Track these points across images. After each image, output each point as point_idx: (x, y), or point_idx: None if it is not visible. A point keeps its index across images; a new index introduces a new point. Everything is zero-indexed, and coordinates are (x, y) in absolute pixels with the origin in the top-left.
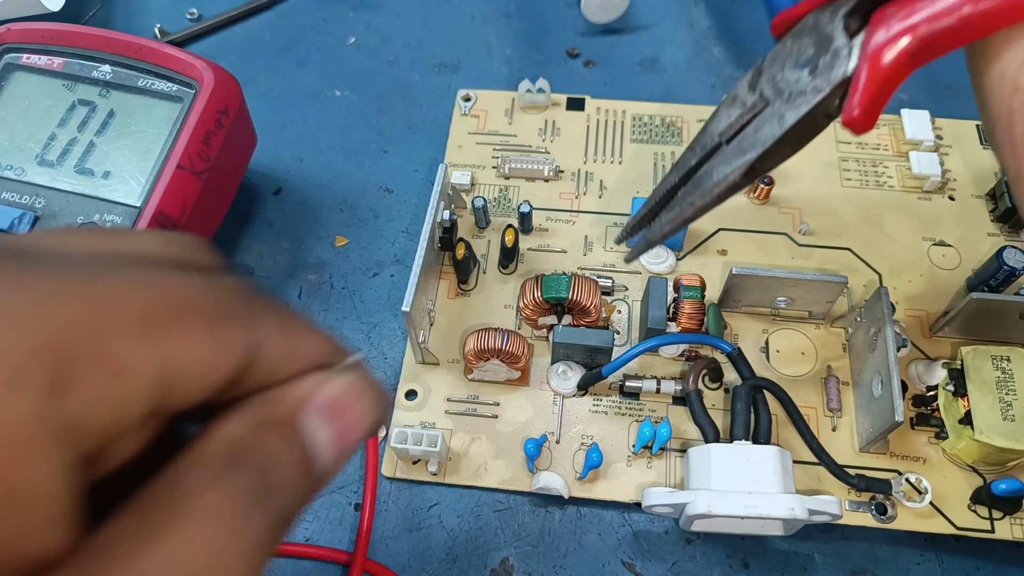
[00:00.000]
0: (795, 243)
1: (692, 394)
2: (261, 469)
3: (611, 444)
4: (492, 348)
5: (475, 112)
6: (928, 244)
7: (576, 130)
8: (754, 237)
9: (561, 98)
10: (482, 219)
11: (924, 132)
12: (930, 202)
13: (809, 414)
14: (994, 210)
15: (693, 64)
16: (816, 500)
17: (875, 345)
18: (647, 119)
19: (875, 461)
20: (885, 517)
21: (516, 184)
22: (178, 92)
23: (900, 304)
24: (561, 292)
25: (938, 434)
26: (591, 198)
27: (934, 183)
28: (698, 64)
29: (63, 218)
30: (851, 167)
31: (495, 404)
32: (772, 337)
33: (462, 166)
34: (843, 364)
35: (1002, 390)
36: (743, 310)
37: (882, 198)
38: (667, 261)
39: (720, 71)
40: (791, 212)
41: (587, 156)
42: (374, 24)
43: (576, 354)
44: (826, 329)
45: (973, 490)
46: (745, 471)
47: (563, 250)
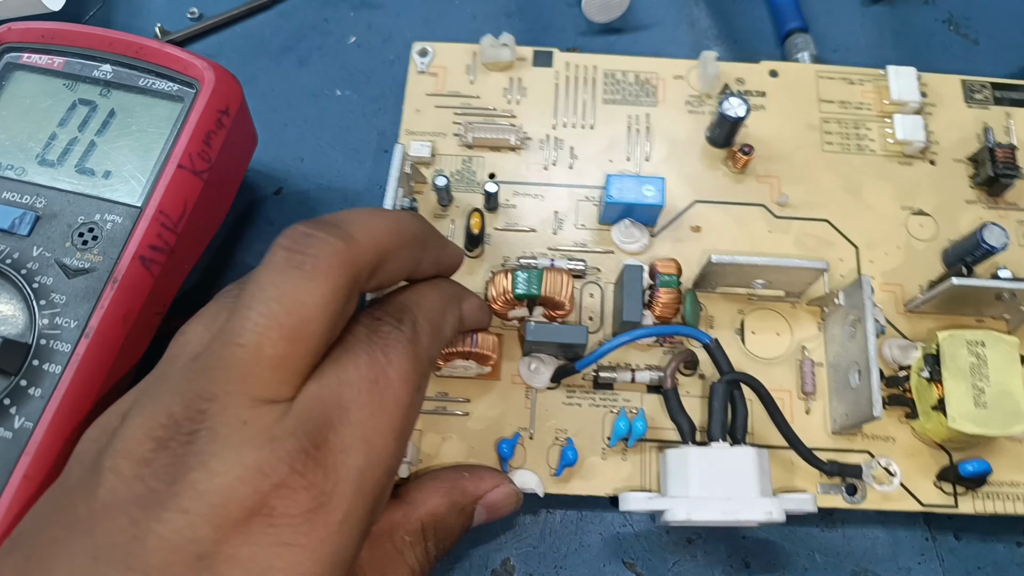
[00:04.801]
0: (772, 215)
1: (668, 392)
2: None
3: (586, 437)
4: (462, 351)
5: (433, 69)
6: (907, 213)
7: (544, 89)
8: (731, 210)
9: (527, 51)
10: (445, 197)
11: (910, 92)
12: (911, 167)
13: (783, 397)
14: (974, 176)
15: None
16: (792, 499)
17: (854, 334)
18: (620, 76)
19: (846, 443)
20: (854, 498)
21: (480, 154)
22: (179, 92)
23: (876, 279)
24: (533, 289)
25: (908, 414)
26: (561, 169)
27: (916, 148)
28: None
29: (63, 218)
30: (832, 129)
31: (465, 401)
32: (748, 318)
33: (421, 134)
34: (818, 344)
35: (975, 376)
36: (719, 292)
37: (863, 163)
38: (640, 240)
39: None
40: (769, 181)
41: (556, 119)
42: (375, 23)
43: (549, 348)
44: (802, 308)
45: (940, 468)
46: (724, 476)
47: (532, 229)
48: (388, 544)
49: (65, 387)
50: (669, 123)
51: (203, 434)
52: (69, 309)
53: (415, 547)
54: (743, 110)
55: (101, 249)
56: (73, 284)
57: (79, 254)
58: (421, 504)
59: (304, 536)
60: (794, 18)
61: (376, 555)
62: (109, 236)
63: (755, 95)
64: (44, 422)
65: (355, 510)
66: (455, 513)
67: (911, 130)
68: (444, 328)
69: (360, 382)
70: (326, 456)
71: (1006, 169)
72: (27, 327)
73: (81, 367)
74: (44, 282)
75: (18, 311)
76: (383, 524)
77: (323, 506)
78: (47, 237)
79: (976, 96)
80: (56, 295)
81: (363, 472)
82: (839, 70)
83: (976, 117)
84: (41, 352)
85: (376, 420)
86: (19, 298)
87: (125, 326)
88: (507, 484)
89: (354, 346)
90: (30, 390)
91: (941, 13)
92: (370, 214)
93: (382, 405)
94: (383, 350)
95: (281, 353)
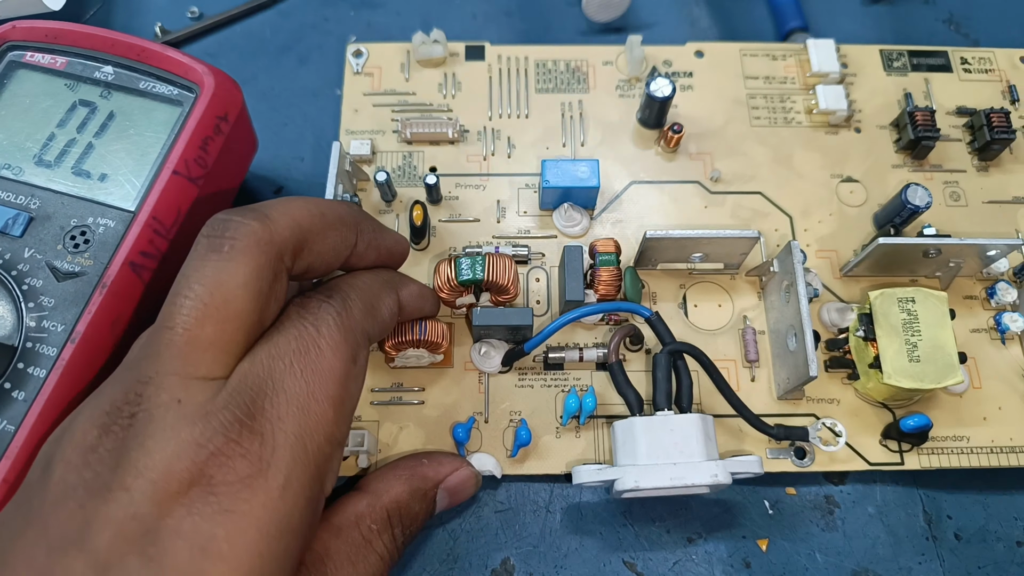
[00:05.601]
0: (707, 191)
1: (614, 366)
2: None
3: (540, 418)
4: (411, 339)
5: (368, 69)
6: (836, 181)
7: (478, 82)
8: (666, 188)
9: (459, 47)
10: (387, 193)
11: (830, 63)
12: (837, 136)
13: (728, 367)
14: (898, 140)
15: None
16: (738, 462)
17: (788, 299)
18: (551, 65)
19: (793, 407)
20: (803, 461)
21: (420, 149)
22: (178, 96)
23: (811, 246)
24: (476, 274)
25: (850, 375)
26: (500, 159)
27: (840, 117)
28: None
29: (57, 220)
30: (759, 104)
31: (420, 390)
32: (689, 292)
33: (360, 133)
34: (759, 313)
35: (907, 332)
36: (660, 268)
37: (791, 135)
38: (581, 223)
39: None
40: (702, 158)
41: (492, 111)
42: (375, 23)
43: (497, 332)
44: (741, 279)
45: (884, 426)
46: (670, 443)
47: (476, 219)
48: (356, 534)
49: (49, 392)
50: (601, 108)
51: (141, 416)
52: (57, 313)
53: (382, 535)
54: (669, 89)
55: (92, 253)
56: (62, 287)
57: (70, 257)
58: (384, 493)
59: (244, 502)
60: (794, 17)
61: (345, 546)
62: (101, 240)
63: (683, 76)
64: (26, 426)
65: (296, 476)
66: (418, 499)
67: (833, 99)
68: (379, 308)
69: (291, 354)
70: (262, 425)
71: (926, 132)
72: (14, 329)
73: (66, 372)
74: (34, 284)
75: (6, 313)
76: (348, 516)
77: (261, 472)
78: (39, 239)
79: (895, 64)
80: (45, 298)
81: (301, 439)
82: (762, 47)
83: (896, 84)
84: (27, 355)
85: (310, 388)
86: (8, 299)
87: (113, 332)
88: (466, 467)
89: (284, 322)
90: (13, 393)
91: (941, 13)
92: (291, 199)
93: (315, 373)
94: (312, 323)
95: (209, 333)
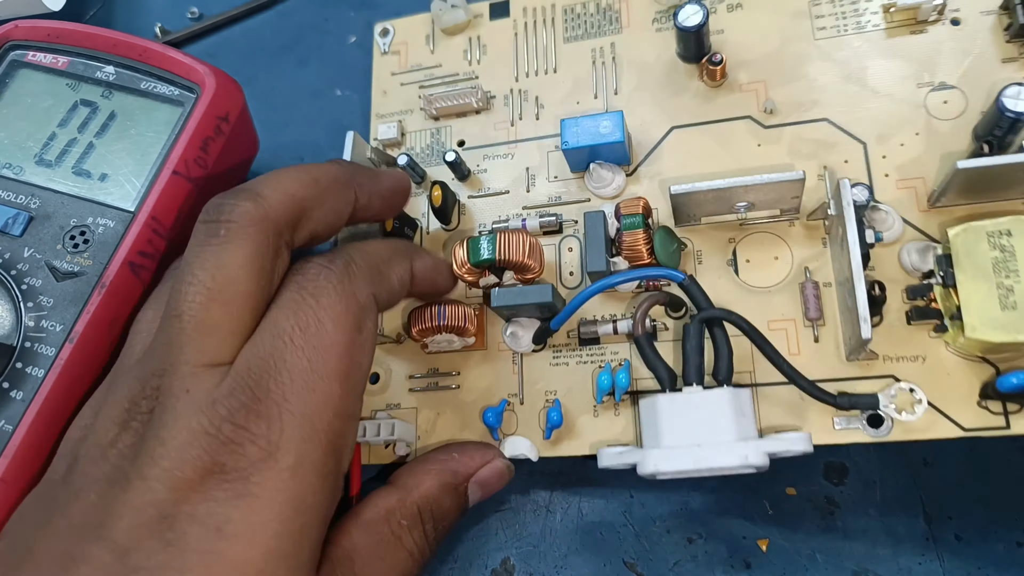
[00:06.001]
0: (761, 126)
1: (640, 338)
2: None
3: (576, 396)
4: (432, 325)
5: (395, 47)
6: (925, 91)
7: (504, 42)
8: (712, 129)
9: (483, 7)
10: (414, 175)
11: None
12: (926, 35)
13: (787, 327)
14: (1009, 27)
15: None
16: (776, 441)
17: (844, 246)
18: (579, 8)
19: (866, 370)
20: (879, 431)
21: (447, 124)
22: (179, 96)
23: (891, 176)
24: (488, 255)
25: (937, 327)
26: (528, 122)
27: (931, 7)
28: None
29: (56, 220)
30: (824, 11)
31: (456, 374)
32: (739, 246)
33: (388, 116)
34: (823, 263)
35: (1000, 273)
36: (704, 223)
37: (865, 43)
38: (614, 182)
39: None
40: (754, 88)
41: (517, 71)
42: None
43: (524, 310)
44: (802, 224)
45: (982, 385)
46: (696, 421)
47: (505, 190)
48: (385, 529)
49: (47, 391)
50: (636, 48)
51: (157, 409)
52: (56, 312)
53: (412, 531)
54: (699, 16)
55: (91, 253)
56: (61, 287)
57: (69, 257)
58: (414, 488)
59: (257, 486)
60: None
61: (373, 541)
62: (100, 240)
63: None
64: (24, 426)
65: (308, 455)
66: (448, 494)
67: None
68: (388, 274)
69: (291, 331)
70: (268, 408)
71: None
72: (13, 329)
73: (64, 372)
74: (33, 284)
75: (5, 312)
76: (378, 511)
77: (271, 455)
78: (39, 238)
79: None
80: (44, 297)
81: (309, 417)
82: None
83: None
84: (25, 355)
85: (314, 365)
86: (7, 299)
87: (111, 332)
88: (497, 459)
89: (282, 295)
90: (12, 393)
91: None
92: (281, 171)
93: (317, 349)
94: (312, 293)
95: (214, 317)
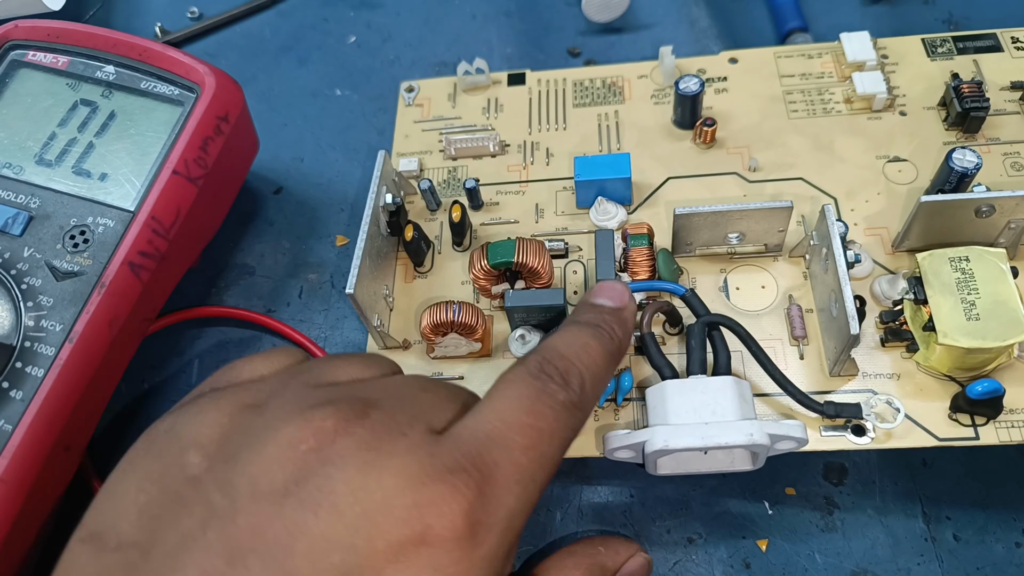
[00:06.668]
0: (746, 180)
1: (646, 337)
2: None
3: None
4: (445, 321)
5: (419, 101)
6: (883, 162)
7: (519, 104)
8: (703, 181)
9: (502, 76)
10: (431, 201)
11: (866, 52)
12: (880, 121)
13: (775, 346)
14: (947, 118)
15: None
16: (778, 425)
17: (828, 267)
18: (587, 83)
19: (848, 384)
20: (862, 439)
21: (464, 164)
22: (179, 96)
23: (859, 225)
24: (507, 256)
25: (909, 347)
26: (539, 166)
27: (882, 100)
28: None
29: (56, 219)
30: (796, 98)
31: (459, 378)
32: (730, 276)
33: (409, 154)
34: (805, 292)
35: (963, 290)
36: (697, 253)
37: (831, 124)
38: (617, 217)
39: None
40: (739, 151)
41: (531, 127)
42: (375, 23)
43: (532, 317)
44: (785, 260)
45: (951, 399)
46: (702, 403)
47: (515, 220)
48: None
49: (47, 391)
50: (636, 115)
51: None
52: (55, 312)
53: None
54: (697, 85)
55: (91, 253)
56: (61, 287)
57: (69, 257)
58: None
59: (453, 565)
60: (794, 18)
61: None
62: (100, 240)
63: (717, 80)
64: (23, 425)
65: (497, 552)
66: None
67: (871, 84)
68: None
69: (526, 430)
70: (488, 487)
71: (974, 102)
72: (13, 328)
73: (64, 371)
74: (32, 283)
75: (5, 312)
76: None
77: (474, 536)
78: (39, 238)
79: (939, 50)
80: (43, 297)
81: (513, 514)
82: (796, 48)
83: (942, 68)
84: (25, 354)
85: (532, 469)
86: (7, 299)
87: (111, 332)
88: (640, 553)
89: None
90: (11, 392)
91: (941, 13)
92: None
93: (539, 457)
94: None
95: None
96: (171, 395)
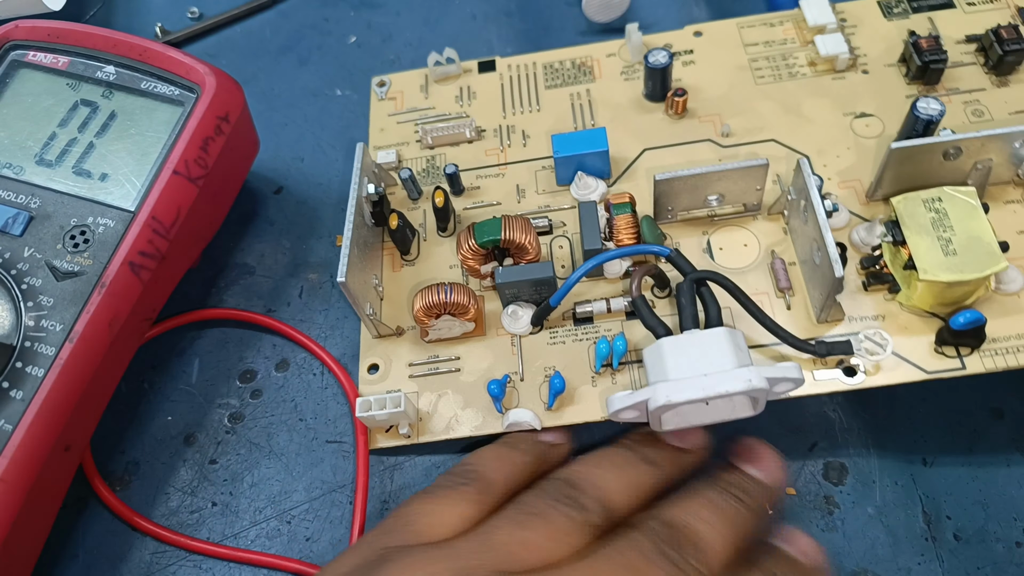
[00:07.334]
0: (720, 146)
1: (637, 300)
2: None
3: (574, 371)
4: (438, 302)
5: (391, 95)
6: (850, 118)
7: (491, 90)
8: (679, 150)
9: (472, 64)
10: (413, 190)
11: (825, 16)
12: (844, 80)
13: (761, 299)
14: (907, 73)
15: None
16: (774, 368)
17: (807, 218)
18: (557, 65)
19: (836, 329)
20: (854, 380)
21: (441, 152)
22: (180, 96)
23: (833, 179)
24: (494, 234)
25: (891, 288)
26: (516, 148)
27: (844, 61)
28: None
29: (57, 219)
30: (762, 65)
31: (455, 359)
32: (713, 237)
33: (386, 146)
34: (787, 247)
35: (939, 229)
36: (679, 218)
37: (797, 87)
38: (597, 190)
39: None
40: (710, 119)
41: (505, 111)
42: (375, 23)
43: (523, 292)
44: (764, 218)
45: (935, 333)
46: (699, 356)
47: (497, 202)
48: None
49: (47, 391)
50: (608, 92)
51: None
52: (56, 312)
53: None
54: (665, 57)
55: (92, 253)
56: (61, 287)
57: (69, 257)
58: None
59: None
60: None
61: None
62: (101, 240)
63: (684, 54)
64: (23, 425)
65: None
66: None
67: (833, 45)
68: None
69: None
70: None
71: (932, 55)
72: (13, 328)
73: (64, 371)
74: (33, 283)
75: (5, 312)
76: None
77: None
78: (39, 238)
79: (895, 10)
80: (44, 297)
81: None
82: (758, 18)
83: (899, 27)
84: (25, 354)
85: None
86: (7, 299)
87: (111, 332)
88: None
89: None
90: (11, 392)
91: None
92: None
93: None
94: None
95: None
96: (171, 395)
